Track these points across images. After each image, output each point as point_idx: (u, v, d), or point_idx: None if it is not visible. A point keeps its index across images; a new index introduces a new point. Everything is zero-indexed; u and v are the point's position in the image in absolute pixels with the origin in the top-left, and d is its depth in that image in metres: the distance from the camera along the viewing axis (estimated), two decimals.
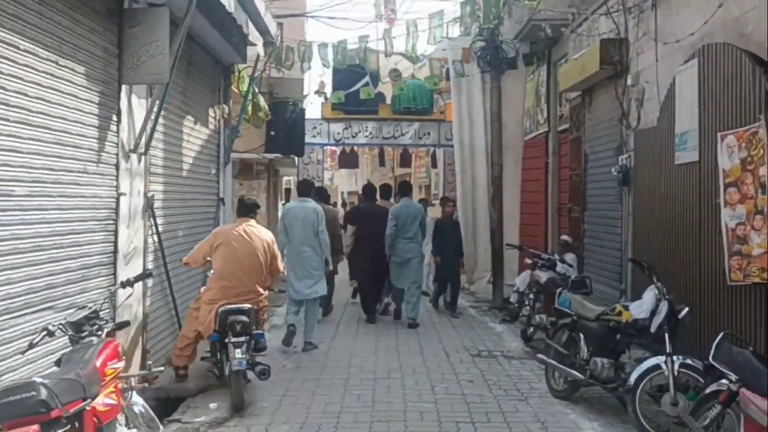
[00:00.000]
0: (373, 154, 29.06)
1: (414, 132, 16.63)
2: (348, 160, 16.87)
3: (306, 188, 8.57)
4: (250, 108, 10.89)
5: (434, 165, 17.31)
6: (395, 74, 19.96)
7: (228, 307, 5.95)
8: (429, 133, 16.67)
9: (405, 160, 17.24)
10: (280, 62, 9.71)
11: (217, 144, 9.10)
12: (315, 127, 16.35)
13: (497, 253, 11.13)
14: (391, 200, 10.82)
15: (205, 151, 8.53)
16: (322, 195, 10.90)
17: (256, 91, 10.32)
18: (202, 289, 6.84)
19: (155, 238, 6.64)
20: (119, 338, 4.70)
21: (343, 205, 19.87)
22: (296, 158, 15.30)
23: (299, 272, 7.95)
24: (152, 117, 6.11)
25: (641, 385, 4.97)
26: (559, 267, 8.53)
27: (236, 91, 9.74)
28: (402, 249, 9.55)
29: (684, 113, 6.24)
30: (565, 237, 9.69)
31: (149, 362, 5.09)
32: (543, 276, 8.22)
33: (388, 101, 17.21)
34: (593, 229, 9.23)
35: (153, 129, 6.13)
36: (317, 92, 14.47)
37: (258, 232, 6.57)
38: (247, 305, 6.03)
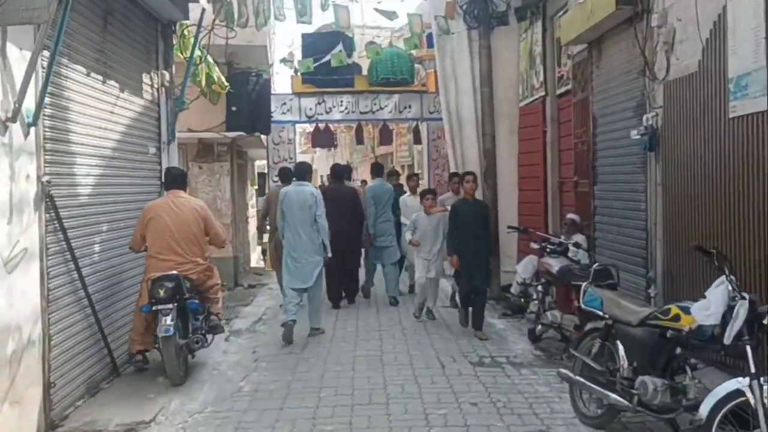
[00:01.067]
0: (350, 133, 27.73)
1: (394, 105, 15.12)
2: (323, 138, 15.29)
3: (302, 171, 8.17)
4: (202, 78, 9.34)
5: (417, 141, 15.79)
6: (372, 46, 18.49)
7: (156, 274, 5.99)
8: (410, 106, 15.17)
9: (385, 137, 15.71)
10: (232, 19, 8.17)
11: (156, 118, 7.57)
12: (284, 104, 14.81)
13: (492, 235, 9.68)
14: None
15: (139, 125, 7.01)
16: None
17: (207, 56, 8.75)
18: None
19: (61, 235, 5.13)
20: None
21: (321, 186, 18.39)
22: (264, 137, 13.78)
23: (298, 259, 7.68)
24: (41, 75, 4.60)
25: (717, 419, 3.57)
26: (572, 252, 7.13)
27: (181, 56, 8.18)
28: (379, 229, 9.95)
29: (742, 50, 4.81)
30: (572, 216, 8.28)
31: None
32: (555, 264, 6.77)
33: (365, 72, 15.70)
34: (607, 206, 7.83)
35: (43, 92, 4.61)
36: (283, 60, 12.89)
37: (188, 202, 6.46)
38: (174, 272, 6.01)
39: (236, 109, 11.62)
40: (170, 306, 5.83)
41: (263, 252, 16.51)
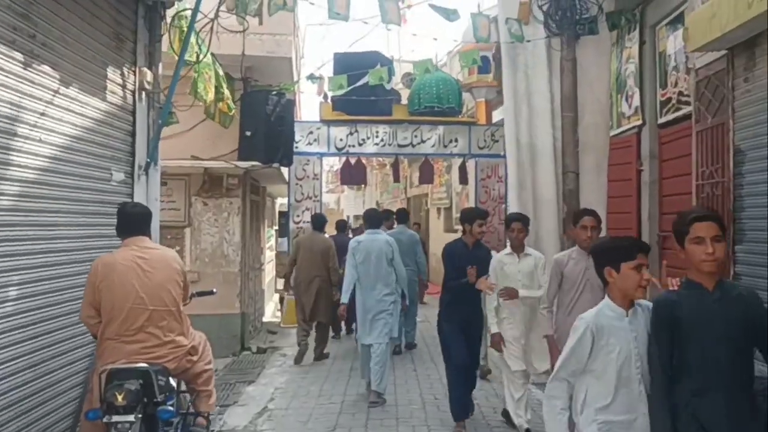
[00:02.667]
0: (383, 171, 25.52)
1: (438, 138, 12.94)
2: (353, 174, 13.12)
3: (376, 220, 7.75)
4: (206, 90, 7.24)
5: (464, 180, 13.52)
6: (409, 78, 16.44)
7: (114, 366, 4.04)
8: (456, 140, 12.97)
9: (426, 175, 13.42)
10: (244, 7, 6.11)
11: (129, 131, 5.44)
12: (311, 132, 12.71)
13: None
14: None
15: (99, 140, 4.87)
16: (317, 223, 9.80)
17: (208, 54, 6.65)
18: None
19: None
20: None
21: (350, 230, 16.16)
22: (285, 170, 11.70)
23: (372, 314, 7.12)
24: None
25: None
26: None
27: (174, 51, 6.08)
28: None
29: None
30: None
31: None
32: None
33: (404, 101, 13.62)
34: (757, 275, 5.50)
35: None
36: (311, 77, 10.80)
37: (162, 255, 4.45)
38: (142, 363, 4.08)
39: (251, 135, 9.50)
40: (131, 419, 3.90)
41: (281, 300, 14.32)
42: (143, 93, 5.53)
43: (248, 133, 9.53)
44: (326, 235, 9.90)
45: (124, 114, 5.27)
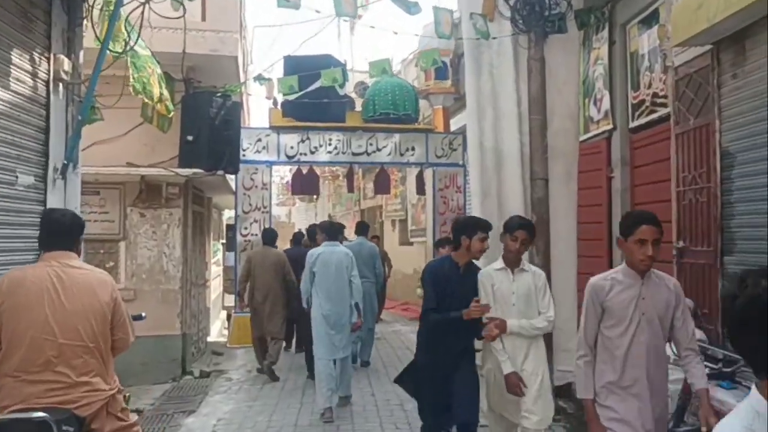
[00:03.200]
0: (336, 182, 24.79)
1: (394, 146, 12.36)
2: (305, 184, 12.40)
3: (334, 231, 7.78)
4: (146, 79, 6.49)
5: (421, 191, 12.92)
6: (362, 87, 15.86)
7: (9, 416, 3.17)
8: (413, 148, 12.42)
9: (382, 185, 12.77)
10: None
11: (42, 128, 4.64)
12: (259, 140, 11.98)
13: None
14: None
15: (0, 136, 4.08)
16: (267, 238, 9.58)
17: (140, 42, 5.89)
18: None
19: None
20: None
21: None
22: (231, 178, 10.92)
23: (335, 326, 7.06)
24: None
25: None
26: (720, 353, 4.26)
27: (97, 37, 5.29)
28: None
29: None
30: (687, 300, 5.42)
31: None
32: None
33: (359, 108, 13.02)
34: None
35: None
36: (259, 78, 10.04)
37: (86, 279, 3.51)
38: (41, 414, 3.15)
39: (193, 140, 8.68)
40: None
41: (228, 318, 13.46)
42: (59, 84, 4.75)
43: (190, 138, 8.72)
44: (277, 249, 9.55)
45: (34, 107, 4.49)
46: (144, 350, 8.72)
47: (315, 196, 24.56)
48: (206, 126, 8.78)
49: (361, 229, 10.30)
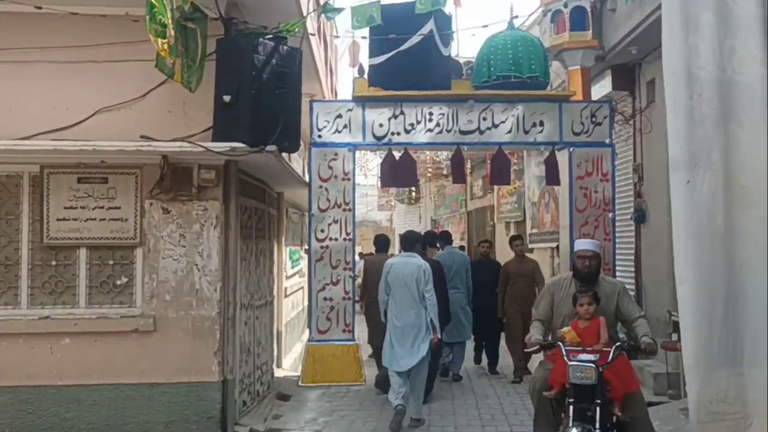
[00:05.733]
0: (438, 182, 21.70)
1: (516, 121, 9.29)
2: (397, 172, 9.48)
3: (410, 241, 7.33)
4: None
5: (553, 180, 9.61)
6: (468, 67, 12.78)
7: None
8: (542, 123, 9.30)
9: (500, 172, 9.47)
10: None
11: None
12: (339, 115, 9.24)
13: None
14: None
15: None
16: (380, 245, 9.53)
17: None
18: None
19: None
20: None
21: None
22: (296, 161, 8.22)
23: (401, 338, 6.84)
24: None
25: None
26: None
27: None
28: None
29: None
30: None
31: None
32: None
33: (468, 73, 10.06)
34: None
35: None
36: (327, 11, 7.11)
37: None
38: None
39: (232, 101, 6.04)
40: None
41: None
42: None
43: (227, 99, 6.04)
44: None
45: None
46: (168, 403, 6.13)
47: (413, 193, 21.61)
48: (250, 81, 6.09)
49: (446, 238, 9.96)
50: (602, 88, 10.17)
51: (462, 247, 17.32)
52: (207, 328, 6.31)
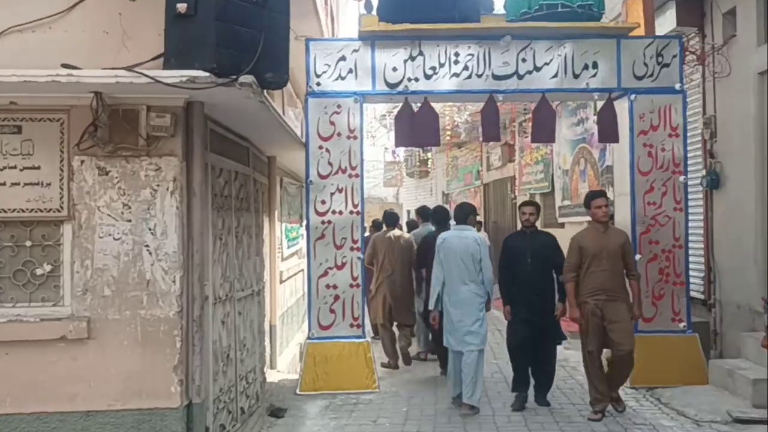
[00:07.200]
0: (451, 152, 19.72)
1: (563, 62, 7.44)
2: (417, 129, 7.59)
3: (464, 214, 6.82)
4: None
5: (610, 136, 7.63)
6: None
7: None
8: (595, 65, 7.45)
9: (543, 127, 7.54)
10: None
11: None
12: (343, 58, 7.39)
13: None
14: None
15: None
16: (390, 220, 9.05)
17: None
18: None
19: None
20: None
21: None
22: (292, 117, 6.35)
23: (458, 317, 6.42)
24: None
25: None
26: None
27: None
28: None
29: None
30: None
31: None
32: None
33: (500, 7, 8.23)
34: None
35: None
36: None
37: None
38: None
39: (189, 13, 4.21)
40: None
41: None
42: None
43: (181, 8, 4.21)
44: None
45: None
46: None
47: (429, 159, 19.64)
48: None
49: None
50: (663, 26, 8.30)
51: (479, 222, 15.49)
52: (163, 333, 4.54)
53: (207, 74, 4.19)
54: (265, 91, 4.75)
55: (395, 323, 8.43)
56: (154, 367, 4.50)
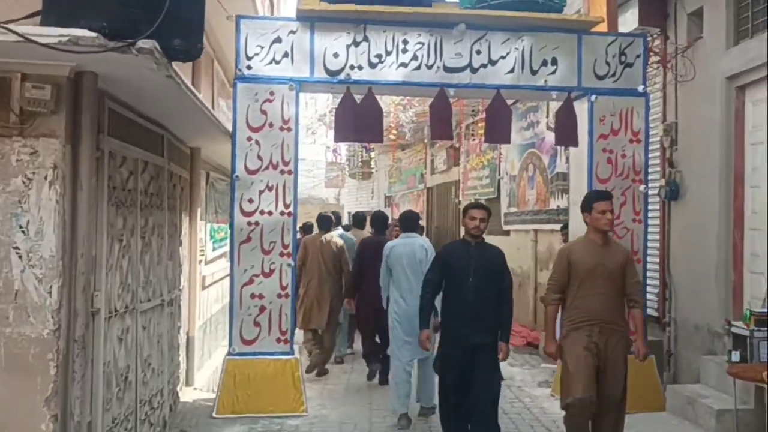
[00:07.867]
0: (395, 154, 19.04)
1: (520, 57, 6.81)
2: (359, 121, 6.82)
3: (411, 221, 6.77)
4: None
5: (567, 139, 6.94)
6: None
7: None
8: (554, 61, 6.86)
9: (498, 126, 6.89)
10: None
11: None
12: (278, 40, 6.57)
13: None
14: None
15: None
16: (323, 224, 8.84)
17: None
18: None
19: None
20: None
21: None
22: (218, 107, 5.48)
23: (407, 326, 6.20)
24: None
25: None
26: None
27: None
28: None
29: None
30: None
31: None
32: None
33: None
34: None
35: None
36: None
37: None
38: None
39: None
40: None
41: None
42: None
43: None
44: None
45: None
46: None
47: (372, 159, 18.88)
48: None
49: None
50: (624, 25, 7.78)
51: (422, 228, 14.88)
52: (33, 357, 3.64)
53: (95, 35, 3.32)
54: (173, 64, 3.91)
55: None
56: (19, 400, 3.60)
